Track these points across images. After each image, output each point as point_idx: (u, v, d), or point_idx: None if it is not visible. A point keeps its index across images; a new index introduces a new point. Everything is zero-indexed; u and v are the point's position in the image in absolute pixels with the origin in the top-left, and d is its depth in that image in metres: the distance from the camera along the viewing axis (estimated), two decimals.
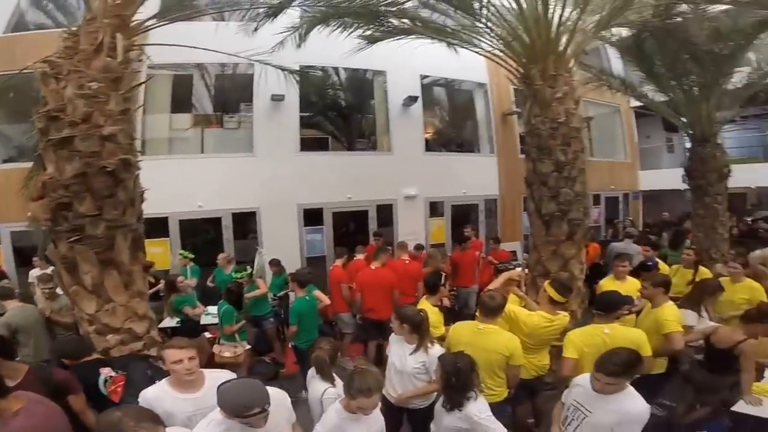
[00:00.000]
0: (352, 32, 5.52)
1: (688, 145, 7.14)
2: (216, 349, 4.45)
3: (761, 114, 13.74)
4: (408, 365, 2.85)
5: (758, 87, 6.83)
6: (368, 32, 5.65)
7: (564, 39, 4.50)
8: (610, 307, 3.06)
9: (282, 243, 7.30)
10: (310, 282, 4.43)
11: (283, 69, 6.10)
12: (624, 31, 6.94)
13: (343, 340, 5.44)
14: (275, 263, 6.13)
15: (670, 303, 3.46)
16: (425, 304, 3.48)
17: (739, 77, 6.90)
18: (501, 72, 8.97)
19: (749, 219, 10.60)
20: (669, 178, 10.58)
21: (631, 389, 2.27)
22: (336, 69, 8.81)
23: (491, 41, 4.85)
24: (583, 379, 2.38)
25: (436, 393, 2.74)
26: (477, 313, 3.08)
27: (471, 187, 9.40)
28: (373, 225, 8.18)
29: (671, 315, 3.32)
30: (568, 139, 4.29)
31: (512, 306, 3.22)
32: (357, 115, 9.87)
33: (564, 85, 4.45)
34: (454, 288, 6.43)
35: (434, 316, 3.39)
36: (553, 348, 3.36)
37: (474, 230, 8.02)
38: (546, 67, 4.42)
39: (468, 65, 6.19)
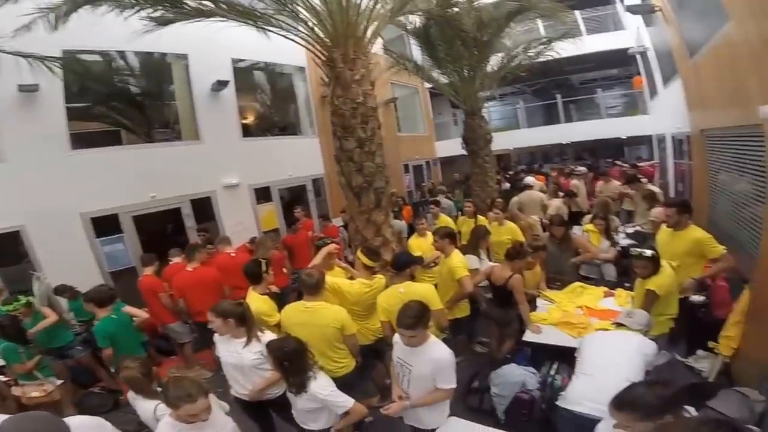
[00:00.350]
0: (134, 14, 4.69)
1: (464, 117, 8.69)
2: (17, 391, 3.77)
3: (514, 92, 17.93)
4: (246, 359, 2.80)
5: (508, 69, 8.62)
6: (157, 13, 4.91)
7: (363, 24, 4.77)
8: (401, 266, 3.33)
9: (70, 262, 5.95)
10: (111, 299, 3.86)
11: (25, 56, 4.83)
12: (418, 20, 7.72)
13: (183, 351, 5.00)
14: (62, 290, 5.16)
15: (456, 251, 3.93)
16: (253, 295, 3.43)
17: (495, 61, 8.58)
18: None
19: (509, 173, 13.68)
20: (457, 146, 12.76)
21: (433, 338, 2.50)
22: (122, 53, 7.44)
23: (299, 25, 4.86)
24: (398, 336, 2.55)
25: None
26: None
27: (297, 169, 9.47)
28: (190, 222, 7.48)
29: (458, 261, 3.81)
30: (366, 117, 4.64)
31: (334, 279, 3.39)
32: (155, 103, 8.64)
33: (362, 67, 4.73)
34: (295, 271, 6.47)
35: (264, 305, 3.35)
36: None
37: (304, 211, 8.17)
38: (347, 51, 4.65)
39: (288, 49, 6.03)
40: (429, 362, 2.40)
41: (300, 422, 2.66)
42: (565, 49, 8.58)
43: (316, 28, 4.77)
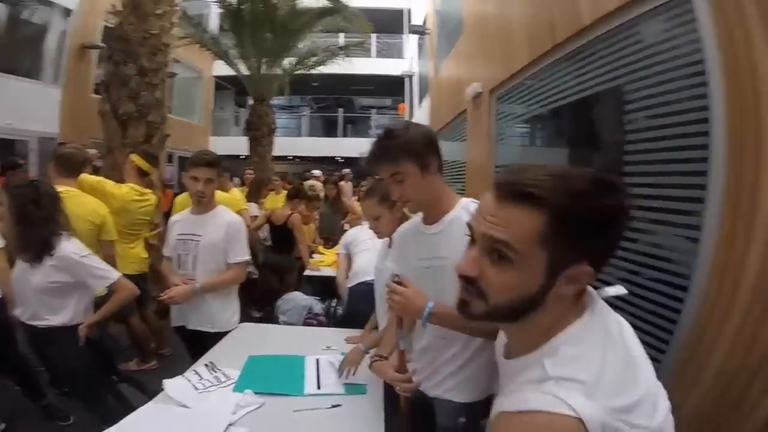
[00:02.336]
0: None
1: (251, 102, 9.03)
2: None
3: (302, 105, 19.33)
4: None
5: (305, 66, 9.36)
6: None
7: None
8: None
9: None
10: None
11: None
12: None
13: None
14: None
15: (234, 188, 4.29)
16: None
17: (298, 53, 9.25)
18: (98, 4, 7.96)
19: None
20: (235, 144, 12.71)
21: (221, 207, 2.24)
22: None
23: None
24: (180, 214, 2.29)
25: None
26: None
27: (19, 119, 7.35)
28: None
29: (237, 195, 4.11)
30: (156, 49, 4.40)
31: (94, 176, 2.88)
32: None
33: (167, 5, 4.56)
34: None
35: None
36: None
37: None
38: None
39: None
40: (221, 227, 2.14)
41: (28, 318, 1.93)
42: (354, 66, 9.93)
43: None
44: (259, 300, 4.37)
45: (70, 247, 1.90)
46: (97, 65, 8.85)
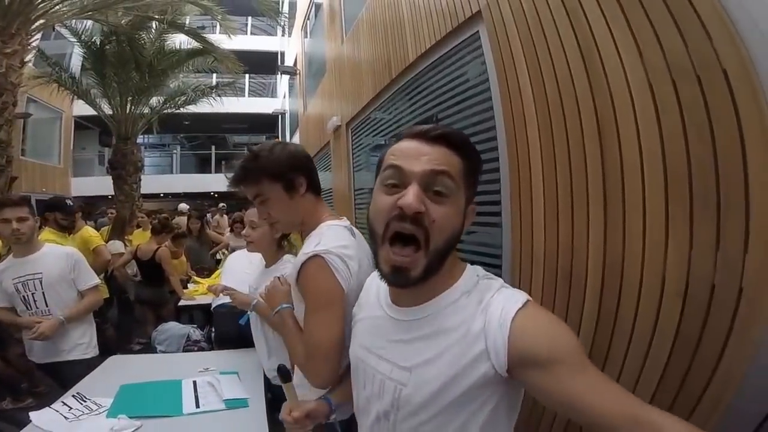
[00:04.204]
0: None
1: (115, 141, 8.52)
2: None
3: (173, 143, 18.24)
4: None
5: (174, 104, 9.17)
6: None
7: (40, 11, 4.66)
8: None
9: None
10: None
11: None
12: (98, 38, 7.60)
13: None
14: None
15: (87, 225, 3.93)
16: None
17: (167, 92, 9.03)
18: None
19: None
20: (100, 185, 11.97)
21: (47, 244, 2.25)
22: None
23: None
24: (7, 262, 2.20)
25: None
26: None
27: None
28: None
29: (92, 232, 3.79)
30: (2, 89, 4.29)
31: None
32: None
33: (18, 45, 4.47)
34: None
35: None
36: None
37: None
38: (9, 26, 4.31)
39: None
40: (60, 260, 2.14)
41: None
42: (227, 105, 9.93)
43: None
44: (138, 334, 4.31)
45: None
46: None
